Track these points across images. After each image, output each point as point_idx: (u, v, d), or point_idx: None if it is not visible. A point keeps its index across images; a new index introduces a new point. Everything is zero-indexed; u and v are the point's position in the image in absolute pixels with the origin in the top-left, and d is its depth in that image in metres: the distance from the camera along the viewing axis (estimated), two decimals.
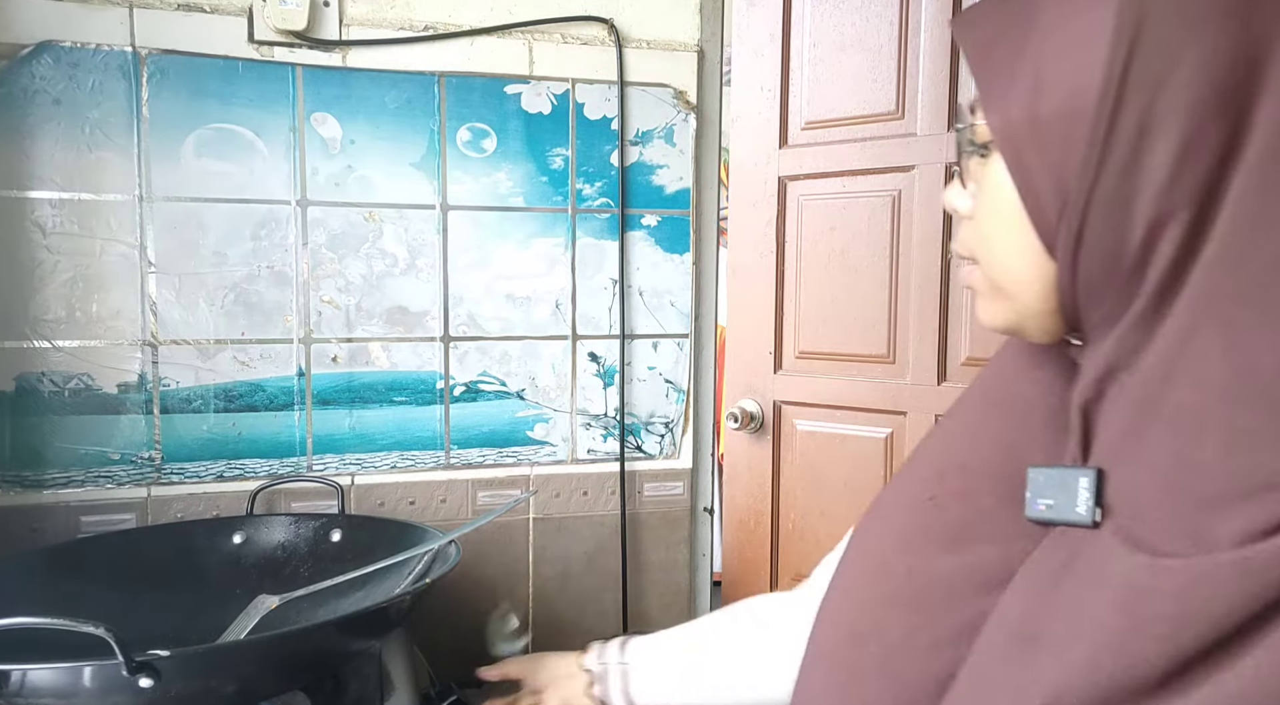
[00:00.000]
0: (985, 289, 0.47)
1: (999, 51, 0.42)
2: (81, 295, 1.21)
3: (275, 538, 1.19)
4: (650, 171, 1.46)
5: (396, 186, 1.33)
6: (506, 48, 1.37)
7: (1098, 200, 0.39)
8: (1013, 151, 0.41)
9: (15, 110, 1.17)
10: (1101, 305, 0.42)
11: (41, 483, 1.21)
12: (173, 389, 1.26)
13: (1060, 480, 0.43)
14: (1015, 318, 0.46)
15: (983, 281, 0.47)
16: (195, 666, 0.78)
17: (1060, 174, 0.40)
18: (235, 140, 1.26)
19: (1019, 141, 0.41)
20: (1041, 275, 0.43)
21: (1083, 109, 0.39)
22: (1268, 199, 0.36)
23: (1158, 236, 0.38)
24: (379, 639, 0.99)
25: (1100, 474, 0.41)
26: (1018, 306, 0.45)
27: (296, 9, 1.24)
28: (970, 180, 0.47)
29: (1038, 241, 0.42)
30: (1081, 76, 0.38)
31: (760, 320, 1.37)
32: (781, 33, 1.32)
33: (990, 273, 0.46)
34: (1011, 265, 0.44)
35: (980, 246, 0.46)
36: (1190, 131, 0.37)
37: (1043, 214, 0.41)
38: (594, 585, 1.47)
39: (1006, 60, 0.41)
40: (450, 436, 1.39)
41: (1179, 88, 0.37)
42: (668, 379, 1.49)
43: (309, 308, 1.31)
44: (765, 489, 1.38)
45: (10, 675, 0.71)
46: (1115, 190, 0.39)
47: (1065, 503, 0.42)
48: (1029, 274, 0.43)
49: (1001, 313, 0.46)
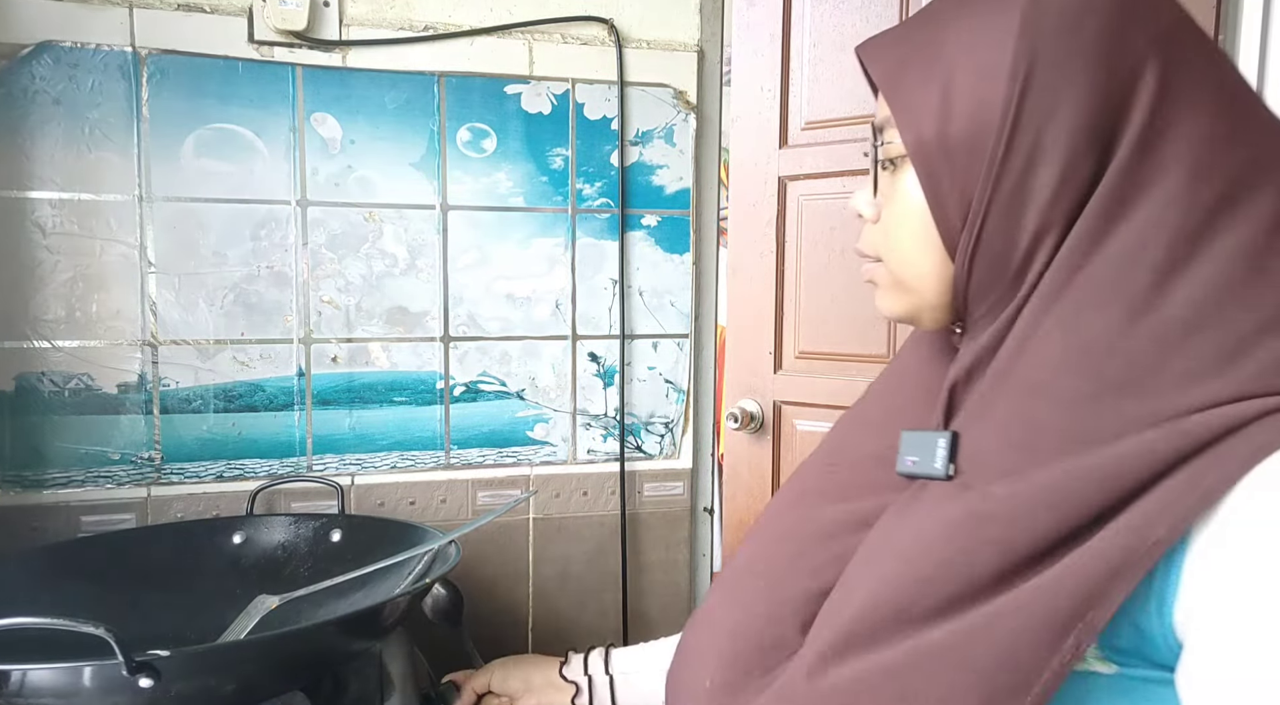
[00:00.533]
0: (888, 284, 0.54)
1: (908, 78, 0.49)
2: (81, 295, 1.21)
3: (275, 538, 1.19)
4: (650, 171, 1.46)
5: (396, 186, 1.33)
6: (506, 48, 1.37)
7: (994, 212, 0.47)
8: (925, 166, 0.48)
9: (15, 110, 1.17)
10: (987, 300, 0.50)
11: (41, 482, 1.21)
12: (173, 389, 1.26)
13: (924, 441, 0.51)
14: (913, 309, 0.54)
15: (886, 277, 0.54)
16: (195, 666, 0.78)
17: (964, 187, 0.47)
18: (235, 140, 1.26)
19: (931, 158, 0.48)
20: (941, 273, 0.51)
21: (985, 134, 0.46)
22: (1110, 217, 0.44)
23: (1038, 245, 0.46)
24: (379, 639, 0.99)
25: (955, 436, 0.49)
26: (917, 300, 0.53)
27: (296, 9, 1.24)
28: (878, 189, 0.54)
29: (940, 244, 0.50)
30: (984, 107, 0.46)
31: (760, 320, 1.37)
32: (781, 33, 1.32)
33: (895, 270, 0.53)
34: (916, 264, 0.51)
35: (887, 247, 0.53)
36: (1068, 160, 0.45)
37: (947, 221, 0.49)
38: (594, 585, 1.47)
39: (916, 86, 0.48)
40: (450, 436, 1.39)
41: (1061, 122, 0.45)
42: (668, 379, 1.49)
43: (309, 308, 1.31)
44: (765, 489, 1.38)
45: (10, 675, 0.71)
46: (1008, 204, 0.46)
47: (927, 460, 0.50)
48: (930, 272, 0.51)
49: (901, 304, 0.54)
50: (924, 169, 0.49)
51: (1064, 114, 0.45)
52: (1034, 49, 0.45)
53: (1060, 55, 0.45)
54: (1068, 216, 0.46)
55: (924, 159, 0.48)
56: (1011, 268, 0.48)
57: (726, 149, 1.46)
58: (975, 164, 0.47)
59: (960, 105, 0.47)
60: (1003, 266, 0.48)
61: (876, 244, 0.54)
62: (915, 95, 0.48)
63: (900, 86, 0.49)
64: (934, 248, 0.50)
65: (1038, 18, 0.45)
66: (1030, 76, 0.45)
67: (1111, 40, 0.44)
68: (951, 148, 0.47)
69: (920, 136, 0.48)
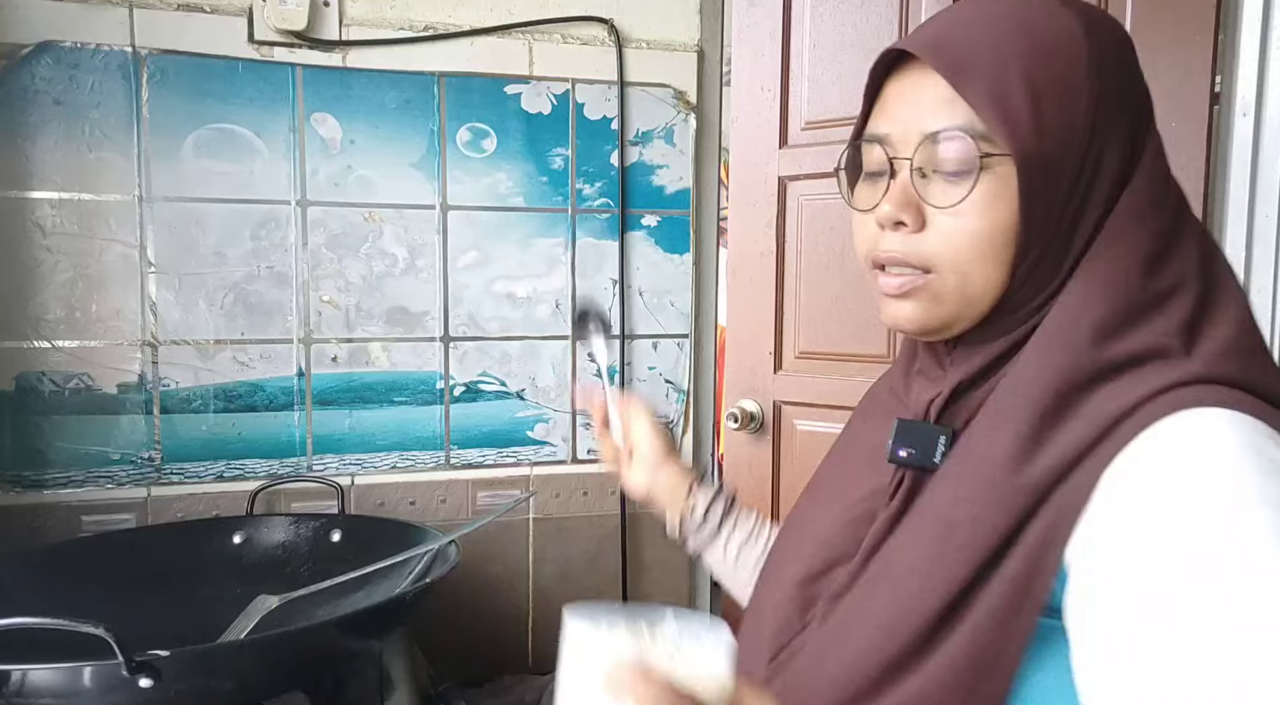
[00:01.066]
0: (935, 295, 0.53)
1: (1008, 91, 0.49)
2: (81, 295, 1.21)
3: (275, 538, 1.19)
4: (650, 171, 1.46)
5: (396, 186, 1.33)
6: (506, 48, 1.37)
7: (1062, 228, 0.49)
8: (1028, 180, 0.48)
9: (15, 110, 1.17)
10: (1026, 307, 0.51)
11: (42, 482, 1.21)
12: (172, 389, 1.26)
13: (924, 433, 0.53)
14: (952, 320, 0.53)
15: (938, 287, 0.52)
16: (195, 666, 0.78)
17: (1050, 201, 0.49)
18: (235, 140, 1.26)
19: (1033, 172, 0.48)
20: (1001, 284, 0.51)
21: (1068, 153, 0.49)
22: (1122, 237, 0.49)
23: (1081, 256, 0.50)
24: (379, 639, 0.99)
25: (954, 433, 0.53)
26: (965, 310, 0.52)
27: (296, 9, 1.24)
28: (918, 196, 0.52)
29: (1005, 255, 0.50)
30: (1066, 127, 0.49)
31: (760, 320, 1.37)
32: (781, 33, 1.32)
33: (956, 282, 0.52)
34: (984, 274, 0.51)
35: (948, 257, 0.51)
36: (1113, 180, 0.50)
37: (1030, 234, 0.49)
38: (594, 585, 1.47)
39: (1016, 100, 0.48)
40: (450, 436, 1.39)
41: (1113, 147, 0.49)
42: (668, 379, 1.49)
43: (309, 308, 1.31)
44: (765, 489, 1.38)
45: (10, 675, 0.71)
46: (1074, 219, 0.50)
47: (924, 452, 0.53)
48: (996, 282, 0.51)
49: (941, 315, 0.53)
50: (1027, 182, 0.48)
51: (1114, 140, 0.50)
52: (1102, 74, 0.49)
53: (1117, 85, 0.50)
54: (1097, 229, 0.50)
55: (1028, 172, 0.48)
56: (1059, 278, 0.50)
57: (726, 149, 1.46)
58: (1059, 180, 0.49)
59: (1050, 121, 0.48)
60: (1053, 277, 0.50)
61: (929, 255, 0.52)
62: (1016, 108, 0.48)
63: (1001, 97, 0.49)
64: (1003, 260, 0.50)
65: (1099, 44, 0.50)
66: (1101, 100, 0.49)
67: (1138, 79, 0.52)
68: (1047, 163, 0.49)
69: (1026, 150, 0.48)
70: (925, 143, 0.51)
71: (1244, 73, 1.11)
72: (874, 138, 0.54)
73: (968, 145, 0.49)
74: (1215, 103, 1.08)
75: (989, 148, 0.49)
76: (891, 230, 0.53)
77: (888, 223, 0.53)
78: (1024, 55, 0.49)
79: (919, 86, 0.52)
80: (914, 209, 0.52)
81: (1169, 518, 0.42)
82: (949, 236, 0.51)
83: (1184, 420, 0.44)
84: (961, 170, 0.50)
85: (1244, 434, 0.43)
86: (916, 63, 0.52)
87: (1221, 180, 1.13)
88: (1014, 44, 0.50)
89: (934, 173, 0.51)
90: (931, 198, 0.51)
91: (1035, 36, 0.50)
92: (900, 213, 0.52)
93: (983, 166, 0.49)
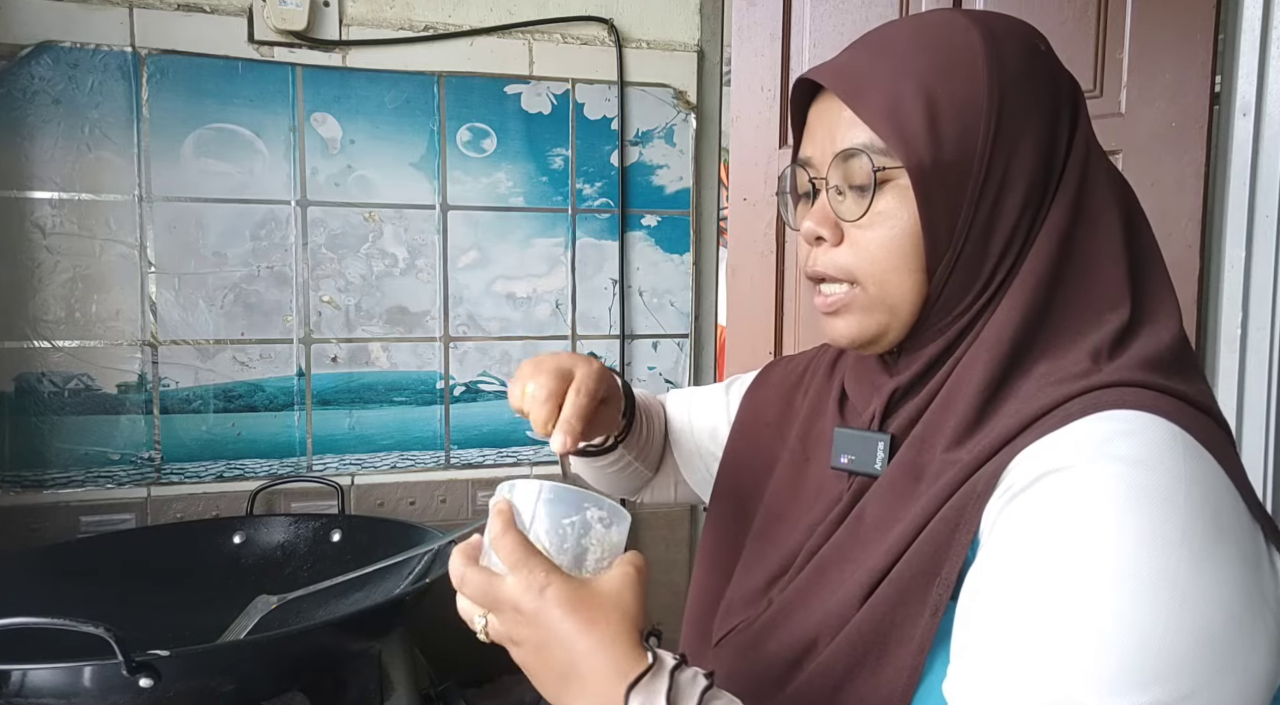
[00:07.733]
0: (864, 306, 0.56)
1: (900, 107, 0.51)
2: (81, 295, 1.21)
3: (275, 538, 1.19)
4: (650, 171, 1.46)
5: (396, 186, 1.33)
6: (506, 48, 1.37)
7: (973, 232, 0.52)
8: (924, 189, 0.51)
9: (15, 110, 1.17)
10: (950, 314, 0.54)
11: (41, 483, 1.21)
12: (172, 389, 1.26)
13: (862, 441, 0.57)
14: (883, 330, 0.56)
15: (862, 299, 0.55)
16: (195, 666, 0.78)
17: (951, 209, 0.52)
18: (235, 140, 1.26)
19: (928, 181, 0.51)
20: (920, 291, 0.54)
21: (968, 161, 0.51)
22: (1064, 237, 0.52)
23: (1001, 262, 0.52)
24: (379, 639, 0.99)
25: (893, 439, 0.56)
26: (891, 320, 0.55)
27: (296, 9, 1.24)
28: (834, 213, 0.55)
29: (919, 263, 0.53)
30: (966, 136, 0.51)
31: (760, 320, 1.37)
32: (781, 33, 1.32)
33: (877, 291, 0.55)
34: (901, 283, 0.54)
35: (866, 269, 0.55)
36: (1029, 184, 0.52)
37: (936, 240, 0.52)
38: None
39: (909, 115, 0.51)
40: (450, 436, 1.39)
41: (1023, 153, 0.51)
42: (668, 379, 1.49)
43: (309, 308, 1.31)
44: None
45: (10, 675, 0.71)
46: (985, 225, 0.52)
47: (865, 458, 0.56)
48: (913, 290, 0.54)
49: (872, 326, 0.56)
50: (923, 192, 0.51)
51: (1025, 146, 0.52)
52: (1003, 83, 0.51)
53: (1021, 91, 0.52)
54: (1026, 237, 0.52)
55: (923, 182, 0.51)
56: (980, 283, 0.53)
57: (726, 149, 1.46)
58: (961, 188, 0.51)
59: (948, 133, 0.51)
60: (972, 282, 0.53)
61: (848, 266, 0.55)
62: (909, 123, 0.51)
63: (893, 114, 0.51)
64: (916, 267, 0.53)
65: (999, 54, 0.52)
66: (1003, 108, 0.51)
67: (1050, 84, 0.53)
68: (944, 172, 0.51)
69: (920, 161, 0.51)
70: (836, 162, 0.54)
71: (1244, 73, 1.11)
72: (800, 161, 0.58)
73: (866, 161, 0.52)
74: (1215, 103, 1.08)
75: (886, 161, 0.52)
76: (816, 246, 0.57)
77: (809, 239, 0.57)
78: (923, 72, 0.52)
79: (831, 110, 0.55)
80: (831, 224, 0.56)
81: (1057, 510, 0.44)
82: (863, 248, 0.54)
83: (1096, 420, 0.46)
84: (865, 184, 0.53)
85: (1152, 436, 0.45)
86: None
87: (1221, 180, 1.13)
88: (913, 62, 0.52)
89: (849, 189, 0.54)
90: (844, 213, 0.55)
91: (935, 54, 0.52)
92: (819, 228, 0.56)
93: (882, 180, 0.52)
